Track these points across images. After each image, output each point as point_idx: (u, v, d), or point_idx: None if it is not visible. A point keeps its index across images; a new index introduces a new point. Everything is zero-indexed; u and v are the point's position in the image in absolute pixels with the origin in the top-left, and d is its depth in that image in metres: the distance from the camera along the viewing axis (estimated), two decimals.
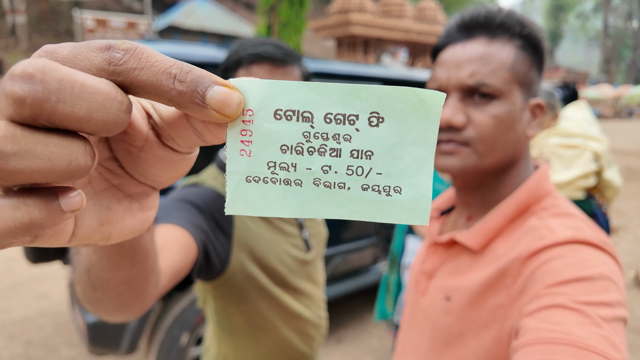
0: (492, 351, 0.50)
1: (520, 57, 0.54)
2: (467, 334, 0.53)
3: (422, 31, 16.64)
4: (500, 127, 0.53)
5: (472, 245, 0.56)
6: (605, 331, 0.40)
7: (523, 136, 0.56)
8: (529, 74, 0.55)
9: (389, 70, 2.66)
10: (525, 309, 0.45)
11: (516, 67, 0.54)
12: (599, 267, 0.45)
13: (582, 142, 1.80)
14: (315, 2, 30.86)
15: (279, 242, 0.82)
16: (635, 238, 4.68)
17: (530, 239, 0.51)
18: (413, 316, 0.66)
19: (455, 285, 0.57)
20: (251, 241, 0.78)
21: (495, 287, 0.51)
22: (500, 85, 0.53)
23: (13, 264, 3.67)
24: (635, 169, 8.93)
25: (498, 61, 0.53)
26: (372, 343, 2.63)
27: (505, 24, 0.54)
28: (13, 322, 2.77)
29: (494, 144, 0.54)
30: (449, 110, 0.54)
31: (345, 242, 2.50)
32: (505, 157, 0.56)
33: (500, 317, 0.50)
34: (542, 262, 0.47)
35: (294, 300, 0.86)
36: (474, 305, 0.53)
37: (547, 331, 0.40)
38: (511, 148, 0.55)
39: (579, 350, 0.38)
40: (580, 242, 0.48)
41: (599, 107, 25.54)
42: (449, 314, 0.56)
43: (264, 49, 0.74)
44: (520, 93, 0.55)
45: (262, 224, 0.82)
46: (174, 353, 1.87)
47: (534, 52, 0.55)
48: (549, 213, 0.54)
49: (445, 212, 0.70)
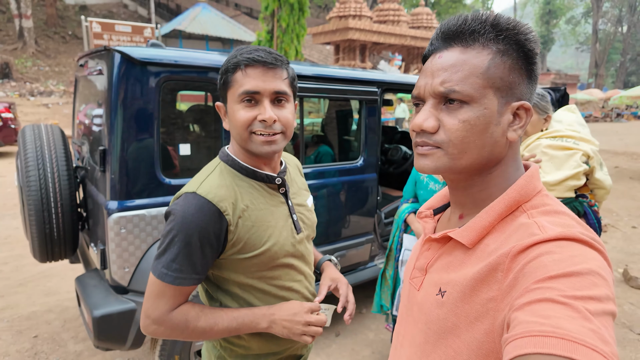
0: (484, 343, 0.52)
1: (496, 61, 0.56)
2: (460, 326, 0.55)
3: (417, 36, 16.86)
4: (470, 130, 0.56)
5: (465, 241, 0.58)
6: (594, 325, 0.41)
7: (502, 138, 0.58)
8: (507, 78, 0.56)
9: (385, 75, 2.76)
10: (516, 303, 0.46)
11: (490, 72, 0.56)
12: (588, 263, 0.46)
13: (573, 144, 1.84)
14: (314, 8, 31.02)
15: (275, 226, 0.94)
16: (624, 236, 4.80)
17: (520, 235, 0.52)
18: (409, 310, 0.68)
19: (448, 279, 0.59)
20: (247, 236, 0.90)
21: (487, 281, 0.52)
22: (471, 91, 0.55)
23: (21, 261, 3.71)
24: (624, 169, 9.11)
25: (469, 68, 0.56)
26: (370, 336, 2.71)
27: (479, 31, 0.56)
28: (21, 317, 2.81)
29: (465, 146, 0.56)
30: (422, 116, 0.58)
31: (344, 239, 2.58)
32: (480, 159, 0.58)
33: (492, 311, 0.51)
34: (532, 258, 0.48)
35: (286, 275, 0.98)
36: (467, 299, 0.54)
37: (537, 324, 0.41)
38: (487, 150, 0.57)
39: (568, 343, 0.39)
40: (569, 238, 0.49)
41: (589, 109, 25.87)
42: (443, 308, 0.58)
43: (258, 54, 0.88)
44: (497, 97, 0.56)
45: (261, 214, 0.93)
46: (179, 347, 1.91)
47: (517, 56, 0.56)
48: (539, 211, 0.55)
49: (439, 210, 0.74)
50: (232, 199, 0.88)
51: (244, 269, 0.92)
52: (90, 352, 2.44)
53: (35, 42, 18.33)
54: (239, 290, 0.95)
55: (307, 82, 2.24)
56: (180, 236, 0.84)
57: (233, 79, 0.89)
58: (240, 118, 0.88)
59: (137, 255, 1.77)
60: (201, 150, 1.99)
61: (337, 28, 15.07)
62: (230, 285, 0.95)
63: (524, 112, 0.58)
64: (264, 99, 0.88)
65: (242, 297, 0.95)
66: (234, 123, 0.90)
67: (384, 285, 2.34)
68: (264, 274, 0.94)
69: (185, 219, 0.84)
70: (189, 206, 0.85)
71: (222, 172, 0.92)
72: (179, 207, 0.86)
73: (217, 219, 0.86)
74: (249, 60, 0.87)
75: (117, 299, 1.78)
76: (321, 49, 22.72)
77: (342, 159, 3.12)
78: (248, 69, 0.87)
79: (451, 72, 0.56)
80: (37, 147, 1.98)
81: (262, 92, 0.88)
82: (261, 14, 11.12)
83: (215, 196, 0.86)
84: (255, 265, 0.92)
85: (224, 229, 0.87)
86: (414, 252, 0.74)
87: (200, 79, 1.89)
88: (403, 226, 2.22)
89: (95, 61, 2.00)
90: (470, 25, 0.57)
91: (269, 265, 0.94)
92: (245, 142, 0.90)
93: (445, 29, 0.59)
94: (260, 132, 0.88)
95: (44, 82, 16.37)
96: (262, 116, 0.87)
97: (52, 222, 1.96)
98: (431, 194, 2.07)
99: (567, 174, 1.80)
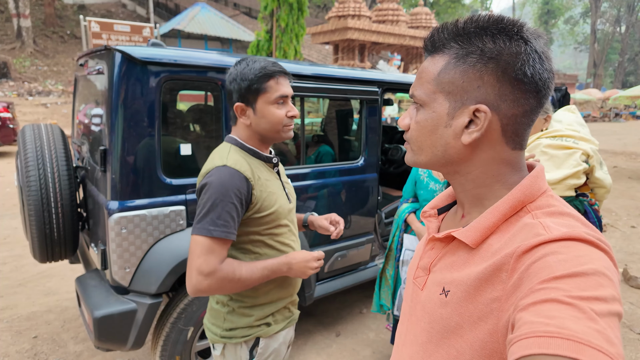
0: (488, 343, 0.51)
1: (449, 67, 0.57)
2: (463, 326, 0.55)
3: (416, 36, 16.87)
4: (420, 130, 0.61)
5: (469, 241, 0.58)
6: (600, 325, 0.40)
7: (455, 141, 0.59)
8: (459, 82, 0.57)
9: (386, 74, 2.76)
10: (521, 304, 0.46)
11: (441, 77, 0.58)
12: (594, 263, 0.45)
13: (573, 143, 1.85)
14: (313, 8, 31.01)
15: (277, 193, 1.20)
16: (623, 235, 4.82)
17: (525, 235, 0.52)
18: (412, 309, 0.68)
19: (452, 279, 0.59)
20: (263, 198, 1.15)
21: (491, 281, 0.52)
22: (423, 96, 0.60)
23: (21, 261, 3.70)
24: (622, 169, 9.13)
25: (426, 75, 0.61)
26: (370, 336, 2.71)
27: (440, 40, 0.59)
28: (20, 318, 2.80)
29: (419, 144, 0.62)
30: (403, 115, 0.66)
31: (345, 239, 2.58)
32: (435, 157, 0.61)
33: (496, 311, 0.51)
34: (537, 258, 0.48)
35: (285, 234, 1.24)
36: (471, 299, 0.54)
37: (542, 325, 0.41)
38: (439, 150, 0.60)
39: (573, 344, 0.39)
40: (574, 239, 0.48)
41: (587, 109, 25.93)
42: (446, 307, 0.58)
43: (280, 67, 1.15)
44: (448, 100, 0.58)
45: (268, 183, 1.18)
46: (180, 347, 1.91)
47: (477, 59, 0.55)
48: (544, 212, 0.55)
49: (443, 209, 0.74)
50: (250, 170, 1.12)
51: (258, 226, 1.15)
52: (91, 353, 2.44)
53: (34, 41, 18.31)
54: (251, 245, 1.17)
55: (308, 82, 2.23)
56: (220, 198, 1.04)
57: (267, 85, 1.13)
58: (278, 115, 1.15)
59: (138, 255, 1.77)
60: (201, 150, 1.98)
61: (336, 28, 15.08)
62: (244, 241, 1.16)
63: (483, 115, 0.56)
64: (288, 101, 1.18)
65: (253, 251, 1.17)
66: (270, 119, 1.15)
67: (384, 285, 2.34)
68: (272, 231, 1.19)
69: (222, 185, 1.05)
70: (223, 175, 1.07)
71: (237, 152, 1.16)
72: (214, 177, 1.07)
73: (245, 183, 1.09)
74: (280, 72, 1.15)
75: (118, 299, 1.78)
76: (320, 48, 22.73)
77: (343, 158, 3.12)
78: (280, 78, 1.15)
79: (417, 78, 0.63)
80: (37, 146, 1.98)
81: (289, 95, 1.17)
82: (260, 14, 11.13)
83: (241, 166, 1.10)
84: (266, 223, 1.16)
85: (250, 191, 1.10)
86: (418, 251, 0.74)
87: (201, 79, 1.88)
88: (403, 226, 2.22)
89: (95, 61, 1.99)
90: (436, 35, 0.61)
91: (275, 224, 1.18)
92: (277, 132, 1.17)
93: (425, 40, 0.63)
94: (288, 124, 1.18)
95: (42, 82, 16.33)
96: (292, 113, 1.17)
97: (52, 223, 1.95)
98: (431, 194, 2.07)
99: (566, 172, 1.81)
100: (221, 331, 1.20)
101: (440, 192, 2.04)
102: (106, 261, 1.79)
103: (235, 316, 1.20)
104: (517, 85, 0.55)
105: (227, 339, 1.19)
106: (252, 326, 1.20)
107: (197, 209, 1.07)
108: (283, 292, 1.25)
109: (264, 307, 1.21)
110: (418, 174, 2.16)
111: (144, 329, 1.77)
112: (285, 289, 1.25)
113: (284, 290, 1.25)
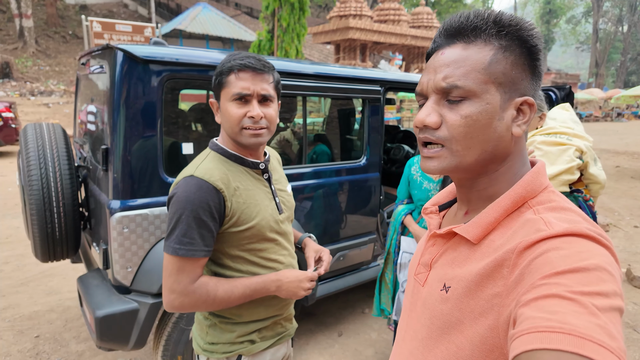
0: (488, 338, 0.51)
1: (499, 57, 0.56)
2: (464, 322, 0.55)
3: (417, 36, 16.86)
4: (473, 126, 0.56)
5: (470, 237, 0.58)
6: (602, 320, 0.40)
7: (507, 134, 0.57)
8: (510, 74, 0.56)
9: (388, 73, 2.75)
10: (522, 299, 0.46)
11: (492, 67, 0.56)
12: (595, 259, 0.45)
13: (567, 139, 1.87)
14: (314, 8, 31.03)
15: (261, 205, 1.09)
16: (626, 235, 4.80)
17: (526, 231, 0.52)
18: (412, 305, 0.68)
19: (453, 275, 0.58)
20: (240, 210, 1.05)
21: (493, 277, 0.52)
22: (473, 86, 0.55)
23: (23, 261, 3.70)
24: (625, 169, 9.10)
25: (471, 63, 0.56)
26: (372, 336, 2.70)
27: (480, 27, 0.56)
28: (22, 317, 2.80)
29: (468, 142, 0.56)
30: (424, 111, 0.58)
31: (347, 239, 2.57)
32: (485, 154, 0.57)
33: (497, 306, 0.51)
34: (539, 254, 0.48)
35: (272, 249, 1.13)
36: (472, 294, 0.54)
37: (543, 320, 0.41)
38: (491, 145, 0.57)
39: (575, 339, 0.39)
40: (576, 234, 0.48)
41: (589, 109, 25.87)
42: (447, 303, 0.57)
43: (249, 61, 1.03)
44: (499, 92, 0.56)
45: (249, 193, 1.07)
46: (182, 347, 1.90)
47: (520, 52, 0.56)
48: (545, 207, 0.55)
49: (444, 206, 0.74)
50: (225, 179, 1.02)
51: (237, 241, 1.06)
52: (92, 352, 2.43)
53: (36, 41, 18.35)
54: (231, 261, 1.08)
55: (310, 81, 2.22)
56: (186, 213, 0.96)
57: (227, 80, 1.03)
58: (233, 114, 1.03)
59: (140, 254, 1.76)
60: (203, 149, 1.97)
61: (337, 27, 15.07)
62: (223, 257, 1.08)
63: (528, 107, 0.58)
64: (252, 99, 1.03)
65: (234, 268, 1.08)
66: (227, 118, 1.04)
67: (384, 289, 2.32)
68: (253, 247, 1.09)
69: (188, 198, 0.97)
70: (189, 187, 0.98)
71: (214, 159, 1.07)
72: (180, 189, 0.99)
73: (215, 194, 0.99)
74: (242, 65, 1.02)
75: (120, 299, 1.77)
76: (321, 48, 22.72)
77: (345, 158, 3.11)
78: (240, 73, 1.02)
79: (453, 67, 0.57)
80: (39, 146, 1.97)
81: (251, 93, 1.03)
82: (262, 14, 11.13)
83: (211, 177, 1.00)
84: (246, 238, 1.06)
85: (222, 203, 1.01)
86: (419, 248, 0.74)
87: (202, 77, 1.87)
88: (400, 229, 2.19)
89: (97, 59, 1.99)
90: (472, 21, 0.57)
91: (257, 238, 1.08)
92: (236, 135, 1.05)
93: (447, 26, 0.59)
94: (249, 126, 1.03)
95: (44, 82, 16.36)
96: (251, 113, 1.02)
97: (54, 222, 1.94)
98: (425, 193, 2.05)
99: (560, 168, 1.82)
100: (204, 344, 1.14)
101: (434, 191, 2.03)
102: (108, 260, 1.79)
103: (217, 330, 1.12)
104: (539, 81, 0.60)
105: (209, 353, 1.12)
106: (234, 342, 1.11)
107: (167, 223, 1.01)
108: (270, 311, 1.14)
109: (249, 324, 1.12)
110: (411, 174, 2.14)
111: (146, 328, 1.76)
112: (272, 307, 1.14)
113: (271, 308, 1.14)
